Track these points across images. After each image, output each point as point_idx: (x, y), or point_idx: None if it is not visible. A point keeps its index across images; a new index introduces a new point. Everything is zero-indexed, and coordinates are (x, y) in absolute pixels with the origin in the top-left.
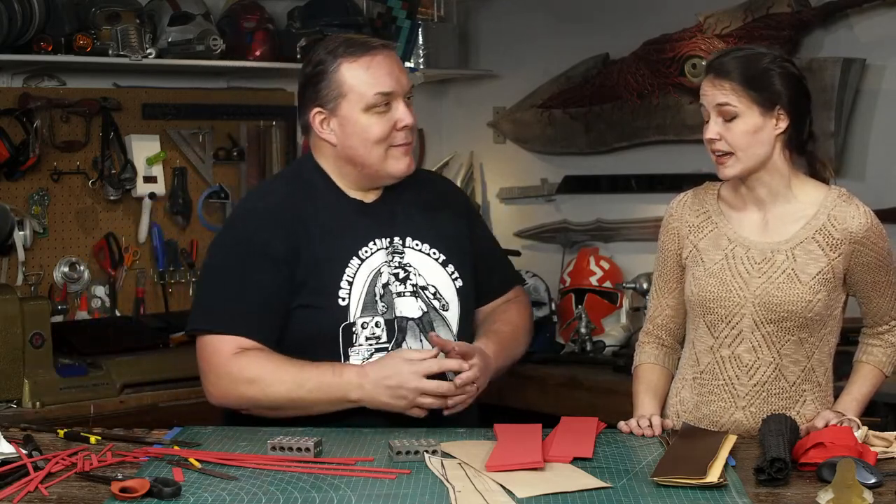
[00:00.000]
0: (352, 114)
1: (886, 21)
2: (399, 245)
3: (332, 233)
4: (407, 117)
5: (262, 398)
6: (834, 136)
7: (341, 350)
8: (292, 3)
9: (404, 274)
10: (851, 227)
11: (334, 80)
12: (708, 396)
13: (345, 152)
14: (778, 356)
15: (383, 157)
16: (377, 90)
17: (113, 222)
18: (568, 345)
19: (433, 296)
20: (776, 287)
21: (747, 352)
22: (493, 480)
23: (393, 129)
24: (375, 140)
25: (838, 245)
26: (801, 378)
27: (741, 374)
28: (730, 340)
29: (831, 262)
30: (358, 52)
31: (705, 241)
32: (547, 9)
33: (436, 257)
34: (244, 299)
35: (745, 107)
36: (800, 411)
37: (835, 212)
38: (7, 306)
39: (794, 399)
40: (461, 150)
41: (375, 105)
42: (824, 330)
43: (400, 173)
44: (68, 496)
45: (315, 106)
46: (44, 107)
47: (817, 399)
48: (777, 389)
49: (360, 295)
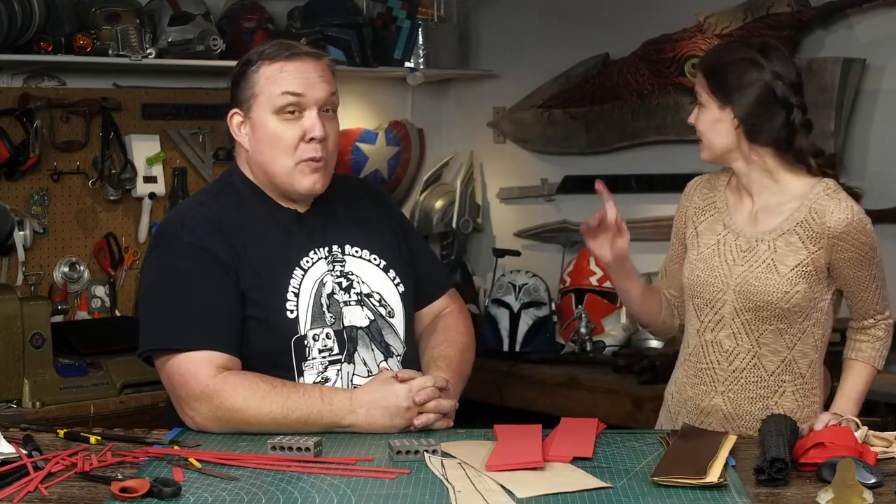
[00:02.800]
0: (261, 116)
1: (886, 21)
2: (338, 253)
3: (270, 244)
4: (316, 129)
5: (247, 427)
6: (834, 136)
7: (294, 364)
8: (292, 3)
9: (347, 283)
10: (829, 222)
11: (251, 80)
12: (693, 379)
13: (255, 157)
14: (756, 344)
15: (290, 170)
16: (284, 89)
17: (113, 222)
18: (568, 345)
19: (378, 303)
20: (755, 276)
21: (728, 338)
22: (493, 480)
23: (301, 139)
24: (282, 148)
25: (818, 239)
26: (781, 368)
27: (721, 359)
28: (713, 325)
29: (811, 255)
30: (277, 55)
31: (704, 225)
32: (547, 9)
33: (377, 263)
34: (206, 310)
35: (707, 98)
36: (778, 402)
37: (816, 205)
38: (7, 306)
39: (772, 389)
40: (461, 150)
41: (284, 108)
42: (807, 322)
43: (305, 190)
44: (68, 496)
45: (233, 106)
46: (44, 107)
47: (798, 392)
48: (755, 377)
49: (308, 306)
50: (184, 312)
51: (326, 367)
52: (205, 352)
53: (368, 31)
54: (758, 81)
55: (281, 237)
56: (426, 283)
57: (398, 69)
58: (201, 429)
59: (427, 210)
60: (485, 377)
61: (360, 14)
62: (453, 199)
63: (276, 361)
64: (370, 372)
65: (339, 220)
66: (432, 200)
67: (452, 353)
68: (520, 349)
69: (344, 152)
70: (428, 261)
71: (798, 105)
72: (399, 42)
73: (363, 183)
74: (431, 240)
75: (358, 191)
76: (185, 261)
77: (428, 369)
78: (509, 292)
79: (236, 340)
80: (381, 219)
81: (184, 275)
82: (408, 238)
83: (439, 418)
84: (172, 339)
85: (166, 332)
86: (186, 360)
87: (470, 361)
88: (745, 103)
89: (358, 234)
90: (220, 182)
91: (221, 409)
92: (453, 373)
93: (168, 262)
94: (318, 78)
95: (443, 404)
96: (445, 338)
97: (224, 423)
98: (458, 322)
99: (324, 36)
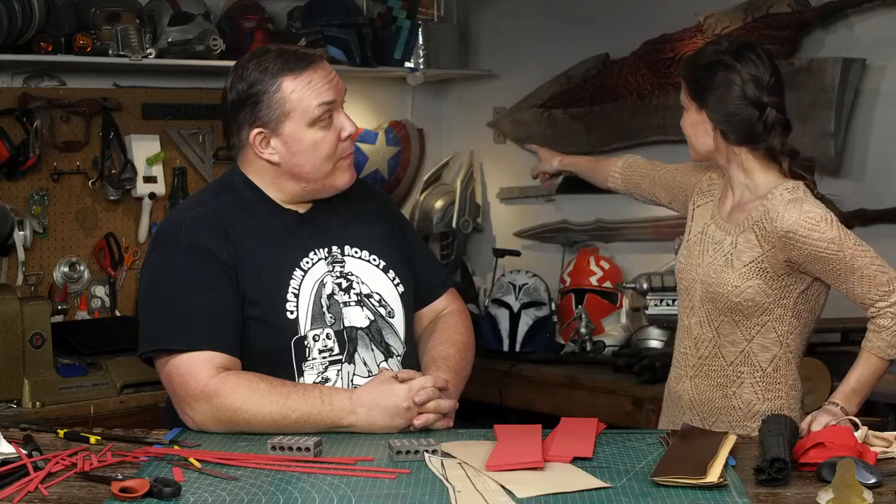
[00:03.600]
0: (296, 130)
1: (886, 21)
2: (338, 254)
3: (270, 244)
4: (348, 126)
5: (247, 427)
6: (834, 136)
7: (294, 365)
8: (292, 3)
9: (347, 283)
10: (776, 222)
11: (275, 99)
12: (674, 361)
13: (290, 170)
14: (716, 334)
15: (331, 171)
16: (320, 101)
17: (113, 222)
18: (568, 345)
19: (378, 303)
20: (714, 269)
21: (696, 325)
22: (493, 480)
23: (338, 140)
24: (326, 156)
25: (769, 237)
26: (739, 360)
27: (691, 344)
28: (688, 311)
29: (765, 253)
30: (298, 68)
31: (699, 210)
32: (547, 9)
33: (376, 263)
34: (206, 310)
35: (687, 101)
36: (736, 392)
37: (769, 205)
38: (7, 306)
39: (730, 378)
40: (461, 150)
41: (320, 118)
42: (766, 317)
43: (345, 186)
44: (68, 496)
45: (254, 127)
46: (44, 107)
47: (758, 384)
48: (716, 366)
49: (308, 307)
50: (183, 313)
51: (327, 367)
52: (204, 352)
53: (368, 31)
54: (729, 83)
55: (281, 238)
56: (426, 283)
57: (398, 69)
58: (201, 429)
59: (427, 210)
60: (485, 377)
61: (360, 14)
62: (453, 199)
63: (276, 362)
64: (370, 372)
65: (340, 221)
66: (432, 200)
67: (452, 352)
68: (520, 349)
69: None
70: (427, 261)
71: (772, 104)
72: (399, 42)
73: (363, 184)
74: (431, 240)
75: (358, 192)
76: (184, 261)
77: (428, 369)
78: (509, 292)
79: (236, 341)
80: (381, 219)
81: (183, 275)
82: (407, 238)
83: (439, 418)
84: (172, 340)
85: (166, 332)
86: (186, 361)
87: (470, 361)
88: (717, 105)
89: (358, 235)
90: (220, 182)
91: (221, 409)
92: (453, 373)
93: (167, 262)
94: (336, 79)
95: (442, 404)
96: (445, 337)
97: (224, 423)
98: (458, 322)
99: (324, 36)
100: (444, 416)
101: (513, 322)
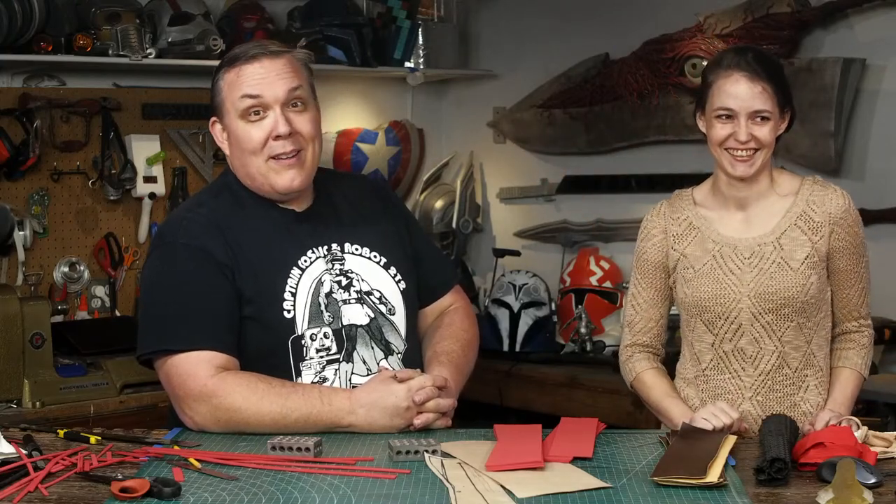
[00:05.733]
0: (230, 122)
1: (886, 21)
2: (337, 251)
3: (267, 243)
4: (280, 126)
5: (246, 427)
6: (834, 136)
7: (292, 364)
8: (292, 3)
9: (347, 281)
10: (830, 208)
11: (217, 87)
12: (713, 391)
13: (233, 163)
14: (780, 343)
15: (265, 170)
16: (242, 92)
17: (113, 222)
18: (568, 345)
19: (379, 300)
20: (769, 277)
21: (749, 343)
22: (493, 480)
23: (268, 138)
24: (251, 150)
25: (819, 227)
26: (803, 363)
27: (746, 365)
28: (730, 335)
29: (815, 245)
30: (235, 60)
31: (691, 247)
32: (547, 9)
33: (377, 260)
34: (204, 311)
35: (774, 108)
36: (804, 397)
37: (813, 196)
38: (7, 306)
39: (797, 385)
40: (461, 150)
41: (247, 111)
42: (820, 314)
43: (283, 188)
44: (68, 496)
45: (213, 114)
46: (44, 107)
47: (820, 384)
48: (781, 377)
49: (305, 306)
50: (182, 313)
51: (324, 366)
52: (203, 352)
53: (368, 31)
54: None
55: (279, 237)
56: (431, 279)
57: (398, 69)
58: (200, 429)
59: (427, 210)
60: (485, 377)
61: (360, 14)
62: (453, 199)
63: (273, 361)
64: (370, 370)
65: (340, 219)
66: (432, 200)
67: (455, 348)
68: (520, 349)
69: (344, 152)
70: (434, 258)
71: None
72: (399, 42)
73: (370, 181)
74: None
75: (364, 189)
76: (183, 263)
77: (430, 364)
78: (509, 292)
79: (234, 340)
80: (385, 216)
81: (182, 276)
82: (413, 236)
83: (439, 417)
84: (170, 340)
85: (164, 333)
86: (185, 361)
87: (473, 358)
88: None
89: (358, 232)
90: (218, 183)
91: (220, 409)
92: (455, 368)
93: (166, 264)
94: (276, 76)
95: (442, 404)
96: (449, 333)
97: (223, 423)
98: (463, 318)
99: (324, 36)
100: (443, 414)
101: (513, 322)
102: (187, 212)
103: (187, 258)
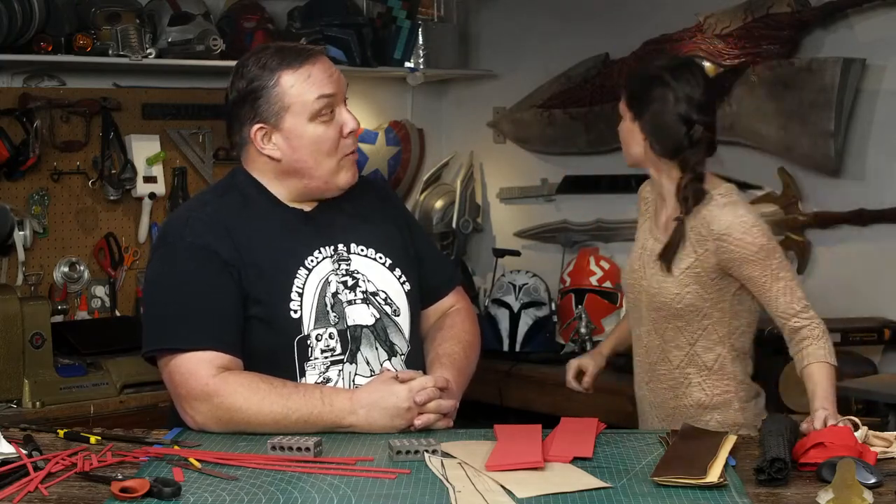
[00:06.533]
0: (296, 125)
1: (886, 21)
2: (344, 252)
3: (274, 243)
4: (350, 122)
5: (247, 427)
6: (834, 136)
7: (297, 365)
8: (292, 3)
9: (353, 281)
10: (712, 225)
11: (275, 94)
12: (634, 368)
13: (292, 166)
14: (662, 340)
15: (334, 169)
16: (319, 93)
17: (113, 222)
18: (568, 345)
19: (384, 301)
20: (654, 279)
21: (646, 334)
22: (493, 480)
23: (340, 136)
24: (327, 151)
25: (704, 241)
26: (685, 362)
27: (642, 353)
28: (637, 322)
29: (699, 257)
30: (296, 62)
31: (640, 230)
32: (547, 9)
33: (382, 261)
34: (208, 310)
35: (623, 109)
36: (686, 391)
37: (704, 211)
38: (7, 306)
39: (678, 381)
40: (461, 150)
41: (320, 112)
42: (706, 320)
43: (347, 185)
44: (68, 496)
45: (255, 123)
46: (44, 107)
47: (705, 383)
48: (664, 370)
49: (312, 306)
50: (185, 312)
51: (328, 367)
52: (206, 351)
53: (368, 31)
54: (661, 99)
55: (286, 237)
56: (433, 280)
57: (398, 69)
58: (202, 428)
59: (427, 210)
60: (485, 377)
61: (360, 14)
62: (453, 199)
63: (278, 361)
64: (373, 371)
65: (346, 219)
66: (432, 200)
67: (457, 349)
68: (520, 349)
69: None
70: (435, 259)
71: (700, 122)
72: (399, 42)
73: (371, 181)
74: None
75: (365, 189)
76: (187, 261)
77: (432, 366)
78: (509, 292)
79: (238, 340)
80: (388, 217)
81: (186, 275)
82: (415, 236)
83: (440, 418)
84: (173, 339)
85: (168, 331)
86: (187, 360)
87: (474, 360)
88: (648, 118)
89: (364, 233)
90: (224, 182)
91: (222, 409)
92: (457, 370)
93: (170, 262)
94: (336, 72)
95: (443, 404)
96: (451, 335)
97: (224, 423)
98: (465, 319)
99: (324, 36)
100: (444, 415)
101: (513, 322)
102: (192, 211)
103: (188, 258)
